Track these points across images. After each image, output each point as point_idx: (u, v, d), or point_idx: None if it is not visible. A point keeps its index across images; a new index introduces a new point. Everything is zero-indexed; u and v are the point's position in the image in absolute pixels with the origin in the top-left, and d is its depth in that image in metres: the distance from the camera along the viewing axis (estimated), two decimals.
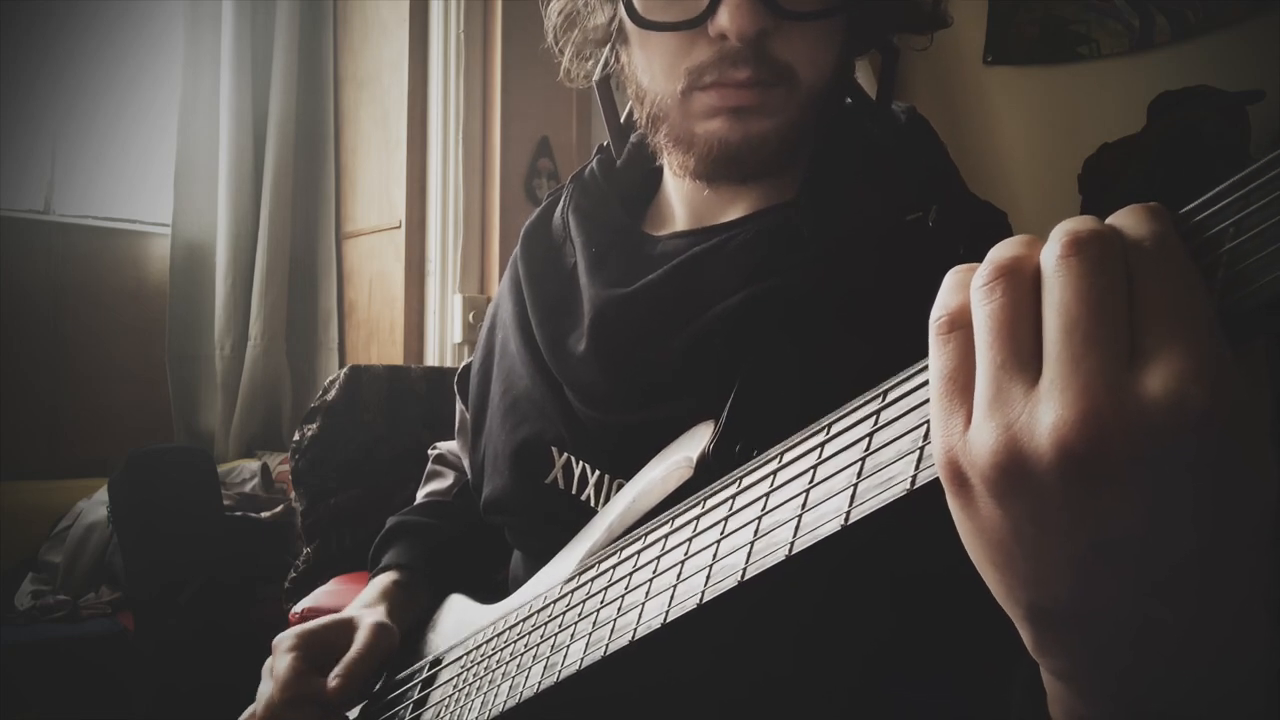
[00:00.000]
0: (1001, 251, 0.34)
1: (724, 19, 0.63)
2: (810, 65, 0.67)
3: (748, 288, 0.67)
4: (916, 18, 0.75)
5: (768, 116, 0.67)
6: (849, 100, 0.77)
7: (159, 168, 3.08)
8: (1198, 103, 1.89)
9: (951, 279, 0.36)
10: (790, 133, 0.68)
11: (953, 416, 0.34)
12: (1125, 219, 0.32)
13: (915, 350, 0.41)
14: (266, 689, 0.75)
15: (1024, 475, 0.31)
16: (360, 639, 0.77)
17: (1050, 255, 0.32)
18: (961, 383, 0.34)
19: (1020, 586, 0.34)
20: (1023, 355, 0.32)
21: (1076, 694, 0.37)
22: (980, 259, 0.35)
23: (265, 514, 2.50)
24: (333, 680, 0.74)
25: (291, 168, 3.12)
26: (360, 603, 0.85)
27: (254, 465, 2.78)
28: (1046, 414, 0.31)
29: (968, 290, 0.34)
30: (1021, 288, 0.33)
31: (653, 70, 0.70)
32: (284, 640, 0.77)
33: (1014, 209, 0.77)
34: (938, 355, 0.35)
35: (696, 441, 0.61)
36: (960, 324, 0.34)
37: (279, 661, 0.75)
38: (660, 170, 0.82)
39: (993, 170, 2.46)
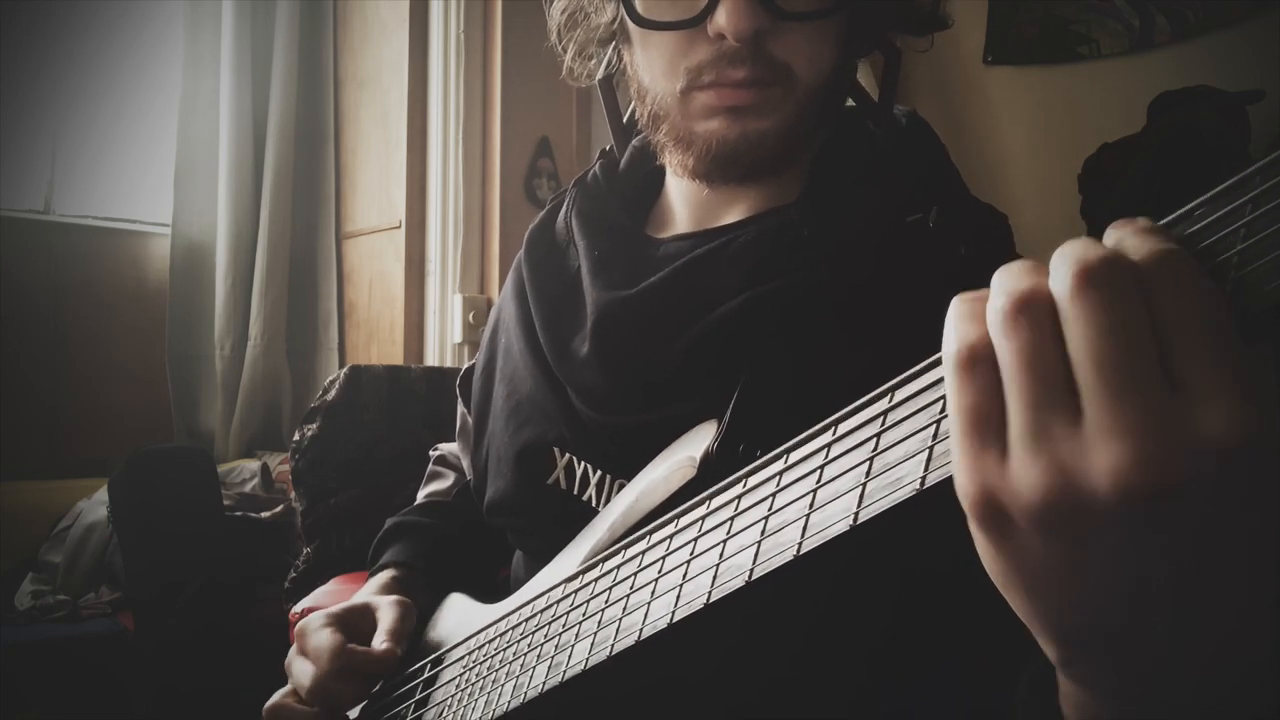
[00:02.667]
0: (1015, 283, 0.33)
1: (722, 18, 0.64)
2: (808, 65, 0.67)
3: (749, 290, 0.67)
4: (915, 19, 0.75)
5: (766, 116, 0.67)
6: (850, 102, 0.77)
7: (159, 168, 3.08)
8: (1198, 103, 1.89)
9: (961, 309, 0.35)
10: (789, 133, 0.68)
11: (985, 452, 0.33)
12: (1125, 237, 0.32)
13: (917, 351, 0.41)
14: (305, 669, 0.74)
15: (1078, 513, 0.31)
16: (389, 613, 0.78)
17: (1062, 288, 0.32)
18: (992, 418, 0.33)
19: (1052, 612, 0.35)
20: (1057, 389, 0.32)
21: (1091, 695, 0.37)
22: (981, 261, 0.35)
23: (265, 514, 2.50)
24: (381, 643, 0.74)
25: (291, 168, 3.12)
26: (361, 595, 0.85)
27: (254, 465, 2.78)
28: (1100, 454, 0.30)
29: (981, 321, 0.34)
30: (1044, 321, 0.32)
31: (653, 69, 0.70)
32: (315, 619, 0.77)
33: (1014, 209, 0.77)
34: (962, 390, 0.34)
35: (699, 441, 0.61)
36: (981, 357, 0.34)
37: (317, 638, 0.75)
38: (662, 171, 0.82)
39: (993, 170, 2.46)
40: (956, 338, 0.34)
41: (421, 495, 1.04)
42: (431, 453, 1.08)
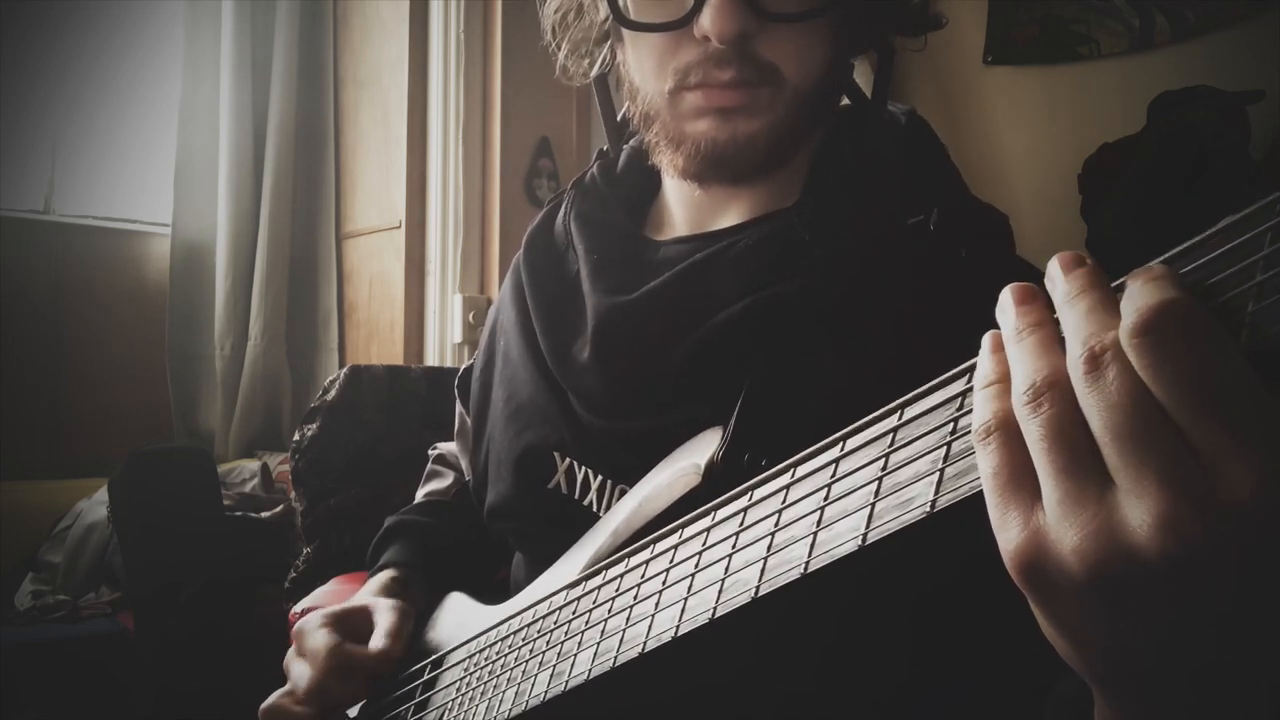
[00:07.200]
0: (1034, 370, 0.34)
1: (706, 21, 0.63)
2: (796, 65, 0.67)
3: (750, 294, 0.67)
4: (907, 18, 0.75)
5: (754, 117, 0.67)
6: (847, 101, 0.77)
7: (159, 168, 3.07)
8: (1198, 103, 1.89)
9: (983, 393, 0.36)
10: (779, 134, 0.68)
11: (1024, 515, 0.34)
12: (1134, 291, 0.32)
13: (921, 354, 0.40)
14: (303, 669, 0.74)
15: (1117, 573, 0.32)
16: (388, 616, 0.78)
17: (1075, 372, 0.33)
18: (1025, 482, 0.34)
19: (1090, 657, 0.35)
20: (1088, 456, 0.32)
21: (1130, 715, 0.38)
22: (982, 263, 0.35)
23: (265, 514, 2.50)
24: (379, 642, 0.74)
25: (291, 168, 3.12)
26: (360, 597, 0.85)
27: (254, 465, 2.78)
28: (1133, 517, 0.31)
29: (1005, 397, 0.35)
30: (1065, 396, 0.33)
31: (643, 70, 0.70)
32: (313, 620, 0.77)
33: (1014, 209, 0.77)
34: (990, 459, 0.35)
35: (704, 448, 0.61)
36: (1001, 427, 0.35)
37: (314, 638, 0.75)
38: (659, 172, 0.82)
39: (993, 170, 2.46)
40: (979, 416, 0.36)
41: (420, 494, 1.03)
42: (430, 451, 1.07)
